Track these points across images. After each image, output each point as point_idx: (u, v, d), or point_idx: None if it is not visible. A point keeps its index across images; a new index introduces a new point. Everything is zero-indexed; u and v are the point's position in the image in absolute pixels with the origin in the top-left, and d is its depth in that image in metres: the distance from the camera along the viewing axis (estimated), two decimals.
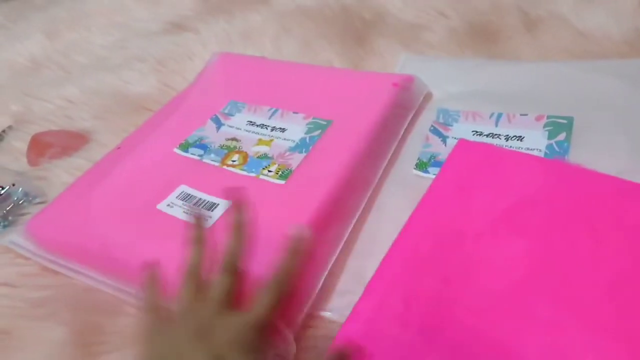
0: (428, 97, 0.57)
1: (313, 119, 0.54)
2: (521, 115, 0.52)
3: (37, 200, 0.54)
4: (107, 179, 0.51)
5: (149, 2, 0.88)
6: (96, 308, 0.42)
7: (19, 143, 0.62)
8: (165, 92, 0.66)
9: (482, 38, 0.64)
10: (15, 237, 0.48)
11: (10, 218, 0.51)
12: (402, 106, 0.55)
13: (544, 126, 0.51)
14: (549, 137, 0.49)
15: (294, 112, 0.56)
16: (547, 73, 0.56)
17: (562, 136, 0.49)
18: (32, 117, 0.66)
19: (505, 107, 0.54)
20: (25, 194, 0.53)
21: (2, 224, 0.51)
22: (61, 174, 0.56)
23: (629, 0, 0.64)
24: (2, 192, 0.53)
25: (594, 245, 0.38)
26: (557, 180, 0.43)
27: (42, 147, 0.60)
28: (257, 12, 0.78)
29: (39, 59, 0.78)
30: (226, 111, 0.58)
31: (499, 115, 0.53)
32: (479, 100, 0.55)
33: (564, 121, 0.50)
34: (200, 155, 0.52)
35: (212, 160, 0.52)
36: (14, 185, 0.54)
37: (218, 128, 0.56)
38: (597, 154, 0.45)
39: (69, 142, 0.61)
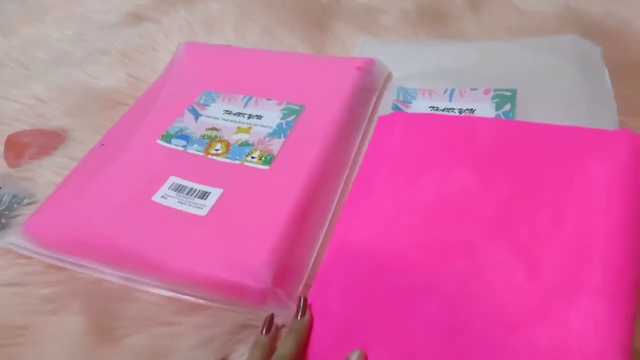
0: (389, 77, 0.62)
1: (286, 104, 0.58)
2: (471, 90, 0.58)
3: (27, 201, 0.55)
4: (99, 175, 0.53)
5: None
6: (107, 296, 0.46)
7: None
8: (135, 85, 0.68)
9: (432, 19, 0.70)
10: (14, 238, 0.50)
11: (2, 221, 0.53)
12: (367, 88, 0.60)
13: (492, 98, 0.57)
14: (497, 108, 0.56)
15: (267, 99, 0.59)
16: (491, 51, 0.62)
17: (507, 107, 0.56)
18: (1, 117, 0.66)
19: (457, 83, 0.60)
20: (14, 196, 0.55)
21: None
22: (45, 173, 0.58)
23: None
24: None
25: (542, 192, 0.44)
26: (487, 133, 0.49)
27: (19, 148, 0.61)
28: (215, 0, 0.80)
29: None
30: (201, 101, 0.61)
31: (452, 91, 0.59)
32: (433, 78, 0.61)
33: (509, 93, 0.57)
34: (184, 146, 0.56)
35: (197, 151, 0.55)
36: (0, 188, 0.55)
37: (196, 119, 0.59)
38: (539, 120, 0.52)
39: (46, 141, 0.62)
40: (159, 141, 0.56)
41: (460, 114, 0.57)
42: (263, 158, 0.53)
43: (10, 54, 0.76)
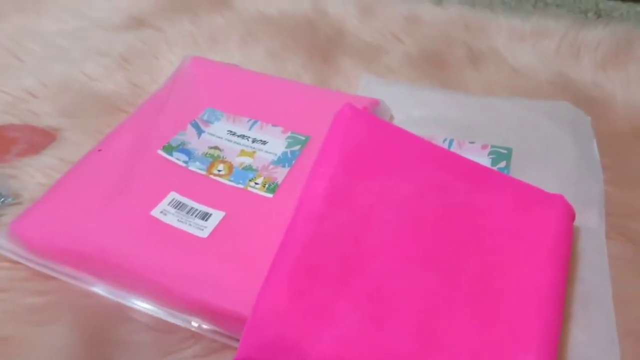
0: (390, 120, 0.64)
1: (291, 133, 0.59)
2: (470, 142, 0.61)
3: (11, 200, 0.53)
4: (96, 181, 0.52)
5: None
6: (99, 313, 0.44)
7: None
8: (134, 92, 0.66)
9: (434, 66, 0.72)
10: None
11: None
12: None
13: (489, 154, 0.60)
14: (492, 164, 0.59)
15: (272, 125, 0.60)
16: (490, 106, 0.65)
17: (503, 164, 0.58)
18: None
19: (454, 133, 0.62)
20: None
21: None
22: (34, 173, 0.55)
23: (552, 44, 0.76)
24: None
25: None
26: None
27: (6, 143, 0.58)
28: (220, 15, 0.80)
29: None
30: (204, 118, 0.61)
31: (451, 142, 0.61)
32: (433, 126, 0.63)
33: (505, 151, 0.60)
34: (186, 162, 0.55)
35: (198, 169, 0.55)
36: None
37: (199, 135, 0.59)
38: (530, 181, 0.55)
39: (36, 138, 0.60)
40: (159, 151, 0.56)
41: None
42: (267, 185, 0.53)
43: (1, 40, 0.73)
